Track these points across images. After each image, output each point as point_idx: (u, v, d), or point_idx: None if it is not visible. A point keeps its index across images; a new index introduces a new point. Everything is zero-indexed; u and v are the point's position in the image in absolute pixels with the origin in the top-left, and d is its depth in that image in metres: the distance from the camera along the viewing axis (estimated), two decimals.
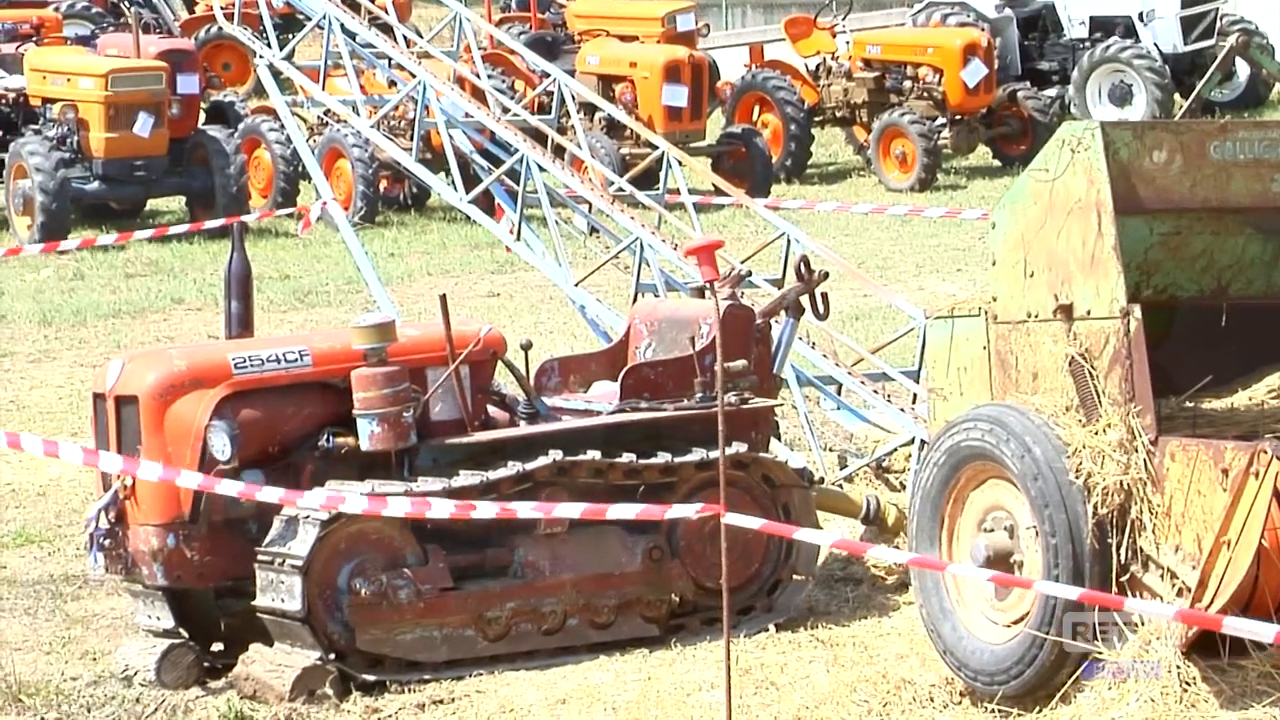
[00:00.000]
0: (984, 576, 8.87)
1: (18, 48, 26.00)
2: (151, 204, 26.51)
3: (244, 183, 25.14)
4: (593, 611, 10.21)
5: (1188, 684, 7.51)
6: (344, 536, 9.50)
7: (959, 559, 9.06)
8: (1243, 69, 28.20)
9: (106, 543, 9.78)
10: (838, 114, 30.13)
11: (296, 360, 10.16)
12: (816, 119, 29.96)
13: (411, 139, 17.00)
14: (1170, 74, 28.35)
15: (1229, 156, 9.64)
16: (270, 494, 9.05)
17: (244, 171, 25.19)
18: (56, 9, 28.33)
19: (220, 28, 23.02)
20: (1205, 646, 8.09)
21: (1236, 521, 7.91)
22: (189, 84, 25.24)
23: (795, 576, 10.55)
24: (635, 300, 13.74)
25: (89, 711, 9.48)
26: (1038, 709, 8.49)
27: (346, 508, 9.07)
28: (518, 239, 15.17)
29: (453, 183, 15.54)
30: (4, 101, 25.32)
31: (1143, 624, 8.36)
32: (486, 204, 15.75)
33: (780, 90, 28.94)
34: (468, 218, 16.99)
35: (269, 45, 16.60)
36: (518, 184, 15.21)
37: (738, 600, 9.22)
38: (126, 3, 31.02)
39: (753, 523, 8.36)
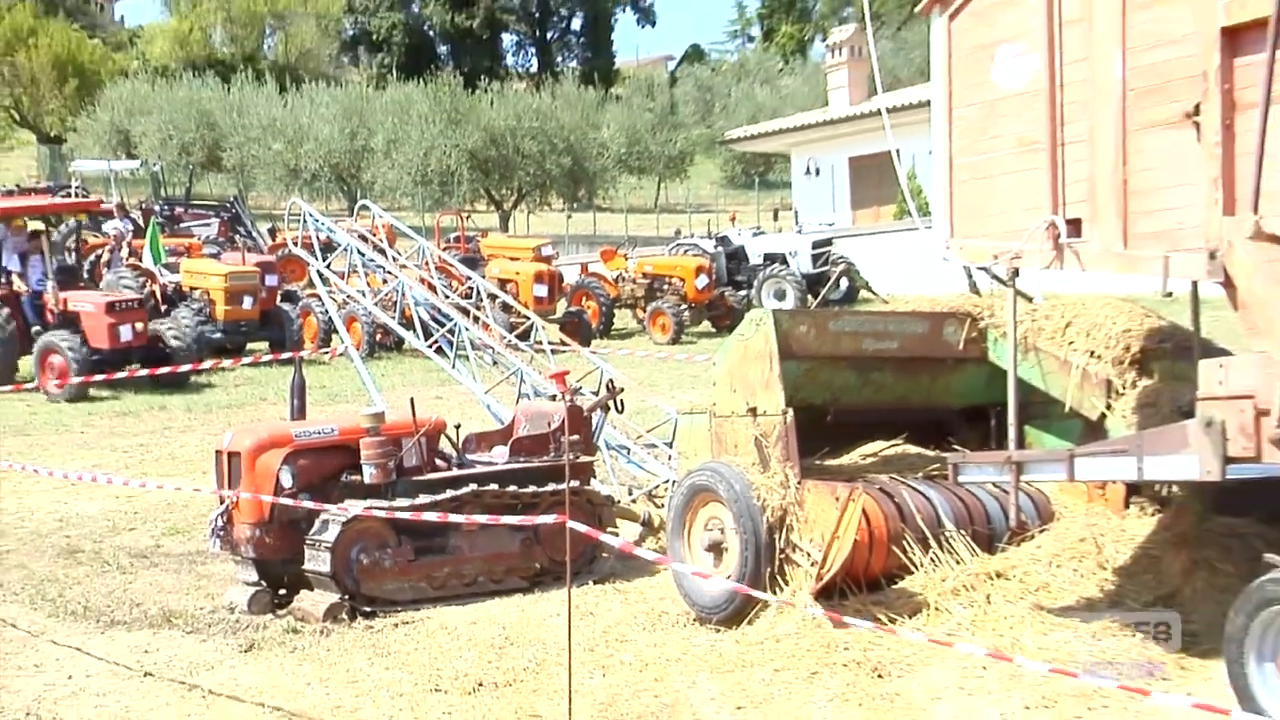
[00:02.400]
0: (707, 557, 12.82)
1: (177, 260, 35.54)
2: (250, 346, 35.30)
3: (301, 334, 35.79)
4: (492, 574, 14.46)
5: (837, 620, 10.05)
6: (354, 530, 13.58)
7: (694, 546, 13.08)
8: (844, 283, 39.97)
9: (221, 533, 14.17)
10: (628, 302, 41.45)
11: (329, 433, 14.67)
12: (617, 304, 40.90)
13: (395, 311, 23.94)
14: (806, 284, 39.20)
15: (838, 329, 13.98)
16: (312, 506, 13.75)
17: (301, 328, 36.09)
18: (198, 238, 40.59)
19: (290, 250, 32.72)
20: (824, 593, 11.67)
21: (843, 526, 11.71)
22: (271, 280, 35.66)
23: (603, 555, 14.72)
24: (518, 402, 17.97)
25: (210, 627, 13.16)
26: (735, 627, 12.05)
27: (353, 513, 13.48)
28: (453, 367, 20.61)
29: (418, 336, 21.51)
30: (169, 288, 33.88)
31: (788, 583, 12.11)
32: (437, 348, 20.96)
33: (596, 288, 40.47)
34: (426, 356, 21.80)
35: (316, 259, 23.57)
36: (454, 337, 20.72)
37: (572, 567, 11.71)
38: (239, 234, 44.45)
39: (581, 527, 10.92)
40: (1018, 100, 11.29)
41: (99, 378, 27.54)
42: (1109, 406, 12.76)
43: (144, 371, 28.84)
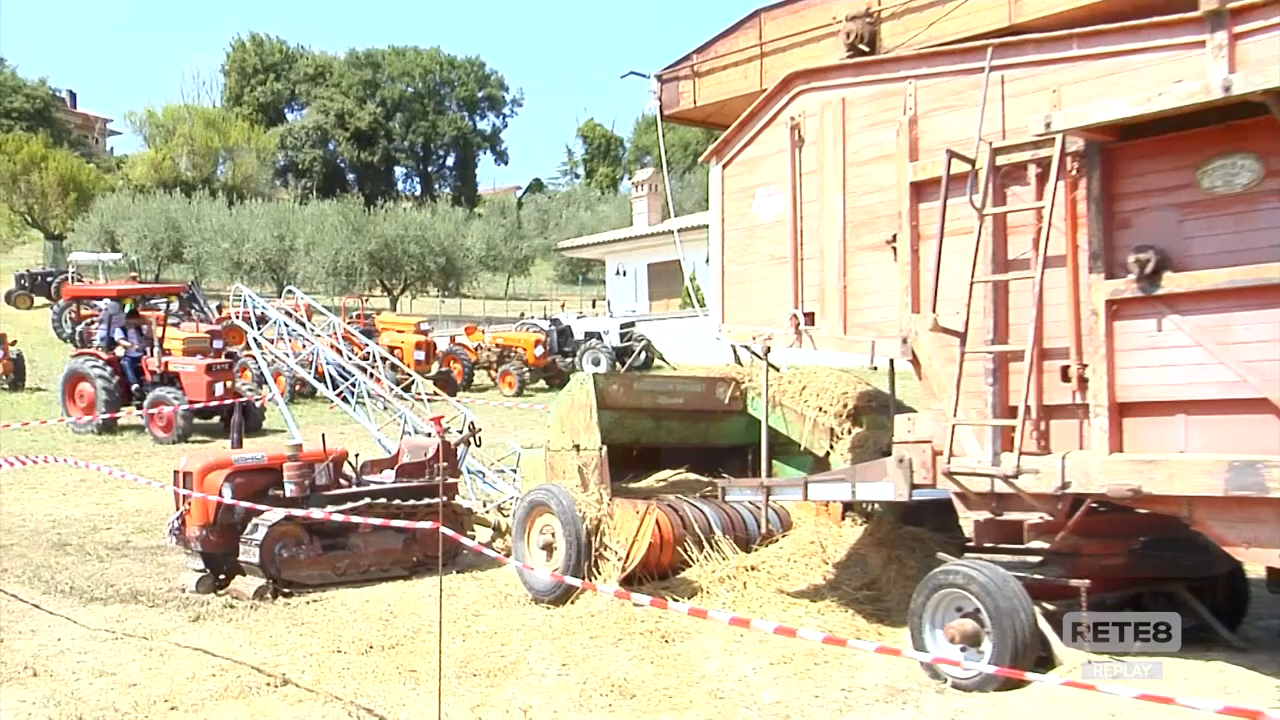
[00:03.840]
0: (541, 555, 12.71)
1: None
2: None
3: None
4: (381, 564, 14.33)
5: (624, 597, 9.57)
6: (277, 531, 13.60)
7: (532, 546, 12.93)
8: (643, 355, 39.20)
9: (177, 532, 14.06)
10: (485, 365, 40.52)
11: (260, 458, 14.56)
12: (476, 366, 40.26)
13: (310, 368, 23.86)
14: (615, 354, 38.56)
15: (640, 388, 14.14)
16: (246, 510, 13.65)
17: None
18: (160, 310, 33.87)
19: (233, 321, 30.68)
20: (627, 581, 11.77)
21: (641, 532, 12.10)
22: (218, 344, 33.61)
23: (464, 551, 14.21)
24: (402, 437, 17.73)
25: (167, 602, 13.13)
26: (561, 606, 12.03)
27: (276, 516, 13.44)
28: (354, 410, 20.62)
29: (328, 387, 21.47)
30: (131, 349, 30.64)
31: (601, 573, 12.12)
32: (342, 397, 20.89)
33: (461, 354, 39.84)
34: (334, 402, 21.80)
35: (253, 328, 23.18)
36: (354, 389, 20.66)
37: (441, 560, 11.09)
38: (195, 310, 40.56)
39: (450, 532, 10.37)
40: (770, 227, 11.43)
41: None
42: (832, 447, 12.98)
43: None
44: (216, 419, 29.75)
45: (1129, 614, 9.67)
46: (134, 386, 30.12)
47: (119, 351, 30.53)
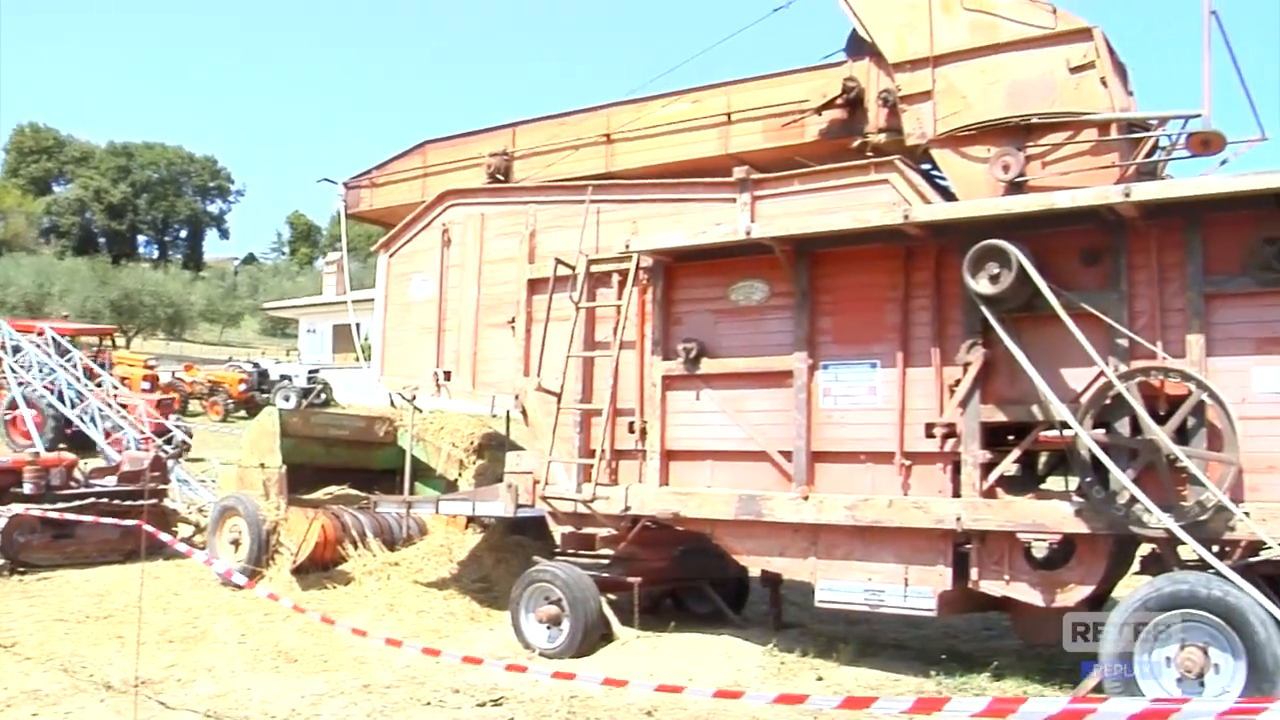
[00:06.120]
0: (230, 549, 12.18)
1: None
2: None
3: None
4: (101, 551, 13.58)
5: (275, 599, 9.83)
6: (16, 521, 12.91)
7: (223, 542, 12.49)
8: (323, 395, 35.50)
9: None
10: (198, 395, 36.01)
11: (5, 462, 14.11)
12: (191, 397, 35.26)
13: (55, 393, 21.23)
14: (301, 394, 34.54)
15: (316, 421, 14.00)
16: None
17: None
18: None
19: None
20: (298, 571, 11.61)
21: (309, 533, 11.96)
22: None
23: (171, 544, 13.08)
24: (124, 449, 16.94)
25: None
26: (245, 588, 10.16)
27: (15, 511, 12.78)
28: (85, 426, 19.28)
29: (68, 407, 20.00)
30: None
31: (277, 564, 11.87)
32: (79, 416, 19.32)
33: (180, 387, 34.35)
34: (72, 419, 19.92)
35: (8, 355, 21.94)
36: (89, 410, 19.30)
37: (148, 550, 11.33)
38: None
39: (151, 528, 10.20)
40: (422, 305, 11.35)
41: None
42: (460, 473, 12.99)
43: None
44: None
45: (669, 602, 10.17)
46: None
47: None
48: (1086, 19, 7.98)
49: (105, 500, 13.80)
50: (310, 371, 39.93)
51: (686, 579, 10.54)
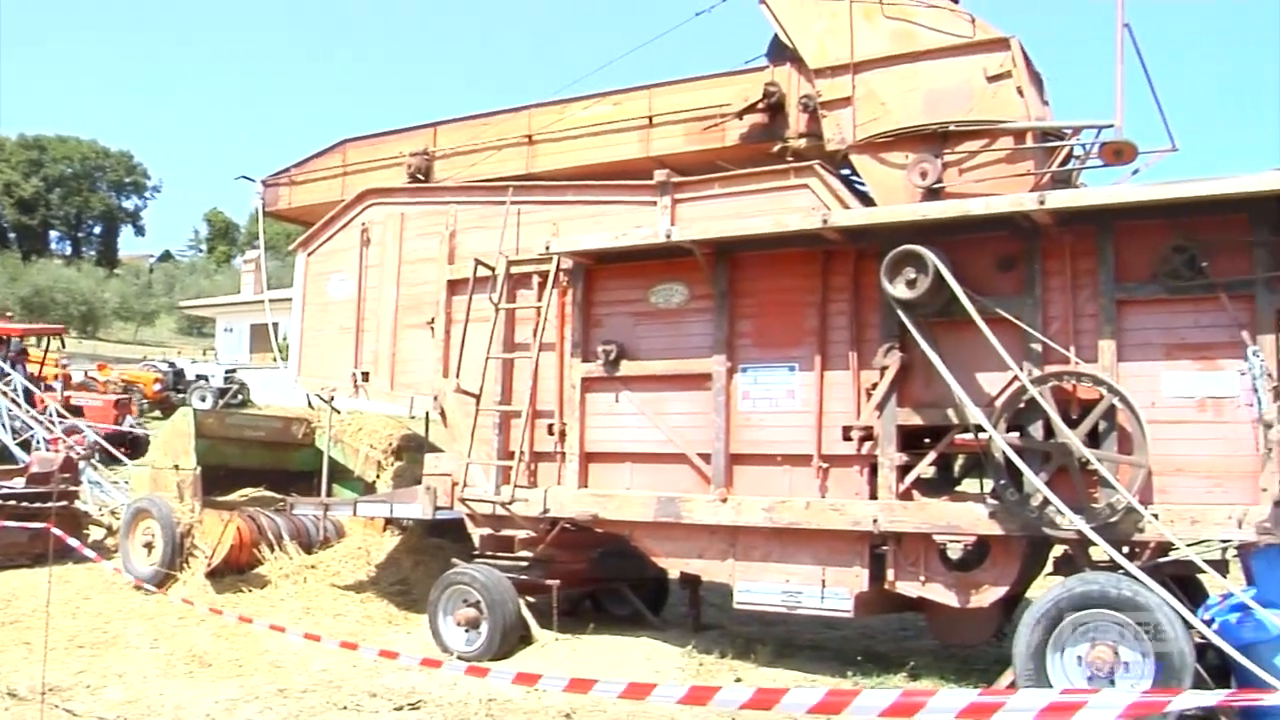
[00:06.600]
0: (144, 552, 11.87)
1: None
2: None
3: None
4: (8, 554, 12.96)
5: (189, 603, 9.85)
6: None
7: (136, 544, 12.08)
8: (240, 396, 34.32)
9: None
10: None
11: None
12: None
13: None
14: (218, 394, 33.34)
15: (232, 422, 13.79)
16: None
17: None
18: None
19: None
20: (213, 574, 11.33)
21: (224, 536, 11.68)
22: None
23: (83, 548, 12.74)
24: (34, 450, 16.78)
25: None
26: (158, 591, 10.88)
27: None
28: None
29: None
30: None
31: (191, 567, 11.67)
32: None
33: (94, 386, 31.46)
34: None
35: None
36: None
37: (56, 553, 10.08)
38: None
39: (59, 532, 9.62)
40: (341, 305, 11.23)
41: None
42: (378, 475, 12.92)
43: None
44: None
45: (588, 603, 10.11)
46: None
47: None
48: (1004, 29, 8.10)
49: (13, 503, 13.38)
50: (227, 371, 39.03)
51: (605, 581, 10.50)
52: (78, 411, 26.21)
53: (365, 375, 10.90)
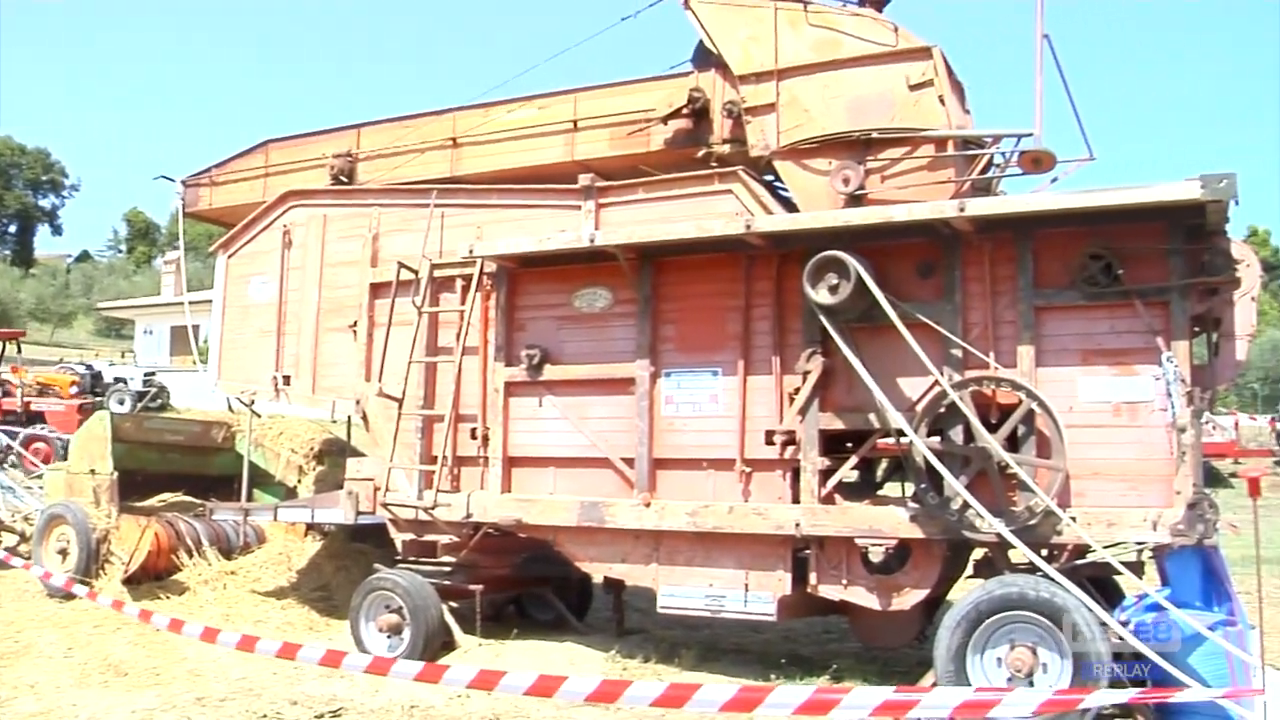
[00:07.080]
0: (58, 559, 11.69)
1: None
2: None
3: None
4: None
5: (118, 607, 9.22)
6: None
7: (50, 551, 11.87)
8: (159, 399, 32.01)
9: None
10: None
11: None
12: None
13: None
14: (137, 397, 31.15)
15: (150, 425, 13.31)
16: None
17: None
18: None
19: None
20: (129, 581, 10.97)
21: (142, 542, 11.20)
22: None
23: None
24: None
25: None
26: (71, 600, 10.71)
27: None
28: None
29: None
30: None
31: (107, 574, 11.44)
32: None
33: (5, 390, 29.78)
34: None
35: None
36: None
37: None
38: None
39: None
40: (262, 308, 11.06)
41: None
42: (300, 480, 12.72)
43: None
44: None
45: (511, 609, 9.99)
46: None
47: None
48: (926, 39, 8.16)
49: None
50: (146, 374, 37.91)
51: (529, 585, 10.43)
52: (39, 417, 25.34)
53: (287, 379, 10.74)
